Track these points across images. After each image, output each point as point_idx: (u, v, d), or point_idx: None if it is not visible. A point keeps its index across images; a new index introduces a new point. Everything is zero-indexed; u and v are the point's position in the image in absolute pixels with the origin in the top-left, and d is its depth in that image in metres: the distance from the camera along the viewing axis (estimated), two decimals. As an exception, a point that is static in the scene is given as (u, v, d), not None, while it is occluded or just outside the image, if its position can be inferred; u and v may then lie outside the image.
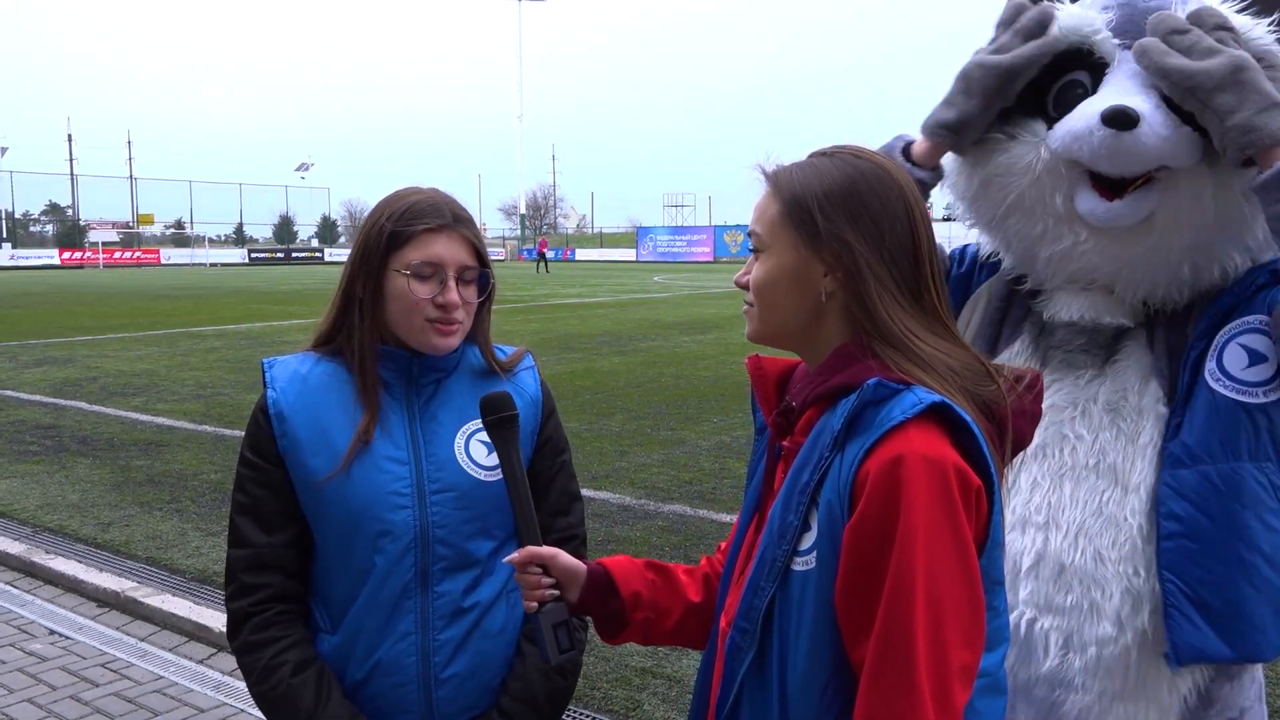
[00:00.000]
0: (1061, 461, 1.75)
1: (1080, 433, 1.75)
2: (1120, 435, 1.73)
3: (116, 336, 16.59)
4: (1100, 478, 1.72)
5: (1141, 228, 1.70)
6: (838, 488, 1.20)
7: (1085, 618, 1.68)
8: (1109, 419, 1.74)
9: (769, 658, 1.26)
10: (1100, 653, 1.66)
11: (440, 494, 1.69)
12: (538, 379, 1.84)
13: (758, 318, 1.36)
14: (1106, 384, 1.76)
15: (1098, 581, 1.68)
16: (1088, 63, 1.78)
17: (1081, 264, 1.78)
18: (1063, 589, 1.69)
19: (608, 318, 19.86)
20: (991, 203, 1.85)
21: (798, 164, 1.34)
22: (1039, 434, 1.74)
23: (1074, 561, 1.69)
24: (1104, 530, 1.69)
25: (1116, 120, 1.62)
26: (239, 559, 1.71)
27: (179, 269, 57.26)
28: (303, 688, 1.65)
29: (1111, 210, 1.70)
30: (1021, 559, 1.74)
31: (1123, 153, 1.64)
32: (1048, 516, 1.73)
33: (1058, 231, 1.77)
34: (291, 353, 1.81)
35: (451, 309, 1.67)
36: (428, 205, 1.69)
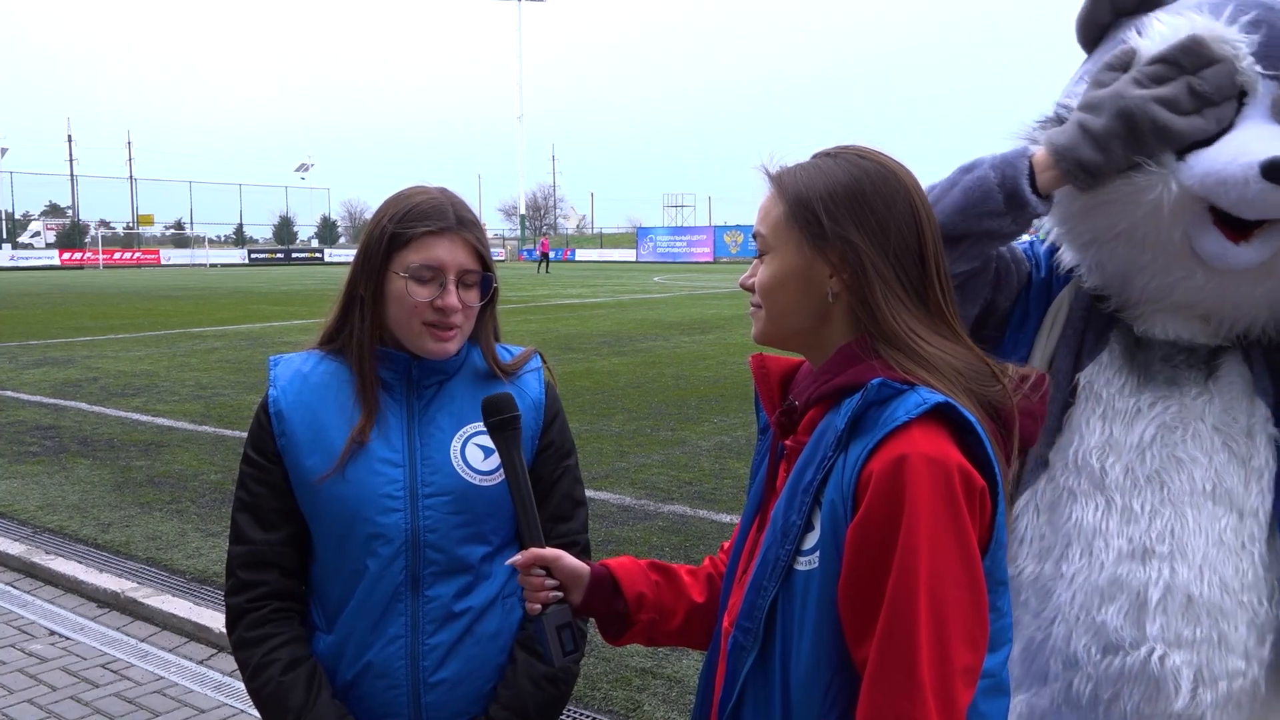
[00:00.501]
0: (1180, 487, 1.66)
1: (1195, 455, 1.67)
2: (1233, 458, 1.66)
3: (116, 337, 16.58)
4: (1217, 504, 1.65)
5: (1260, 270, 1.60)
6: (841, 487, 1.20)
7: (1215, 651, 1.62)
8: (1220, 440, 1.67)
9: (772, 657, 1.26)
10: (1230, 686, 1.62)
11: (433, 498, 1.68)
12: (542, 382, 1.82)
13: (764, 319, 1.36)
14: (1214, 403, 1.68)
15: (1225, 613, 1.62)
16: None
17: (1184, 298, 1.68)
18: (1191, 622, 1.62)
19: (608, 318, 19.85)
20: (1096, 228, 1.69)
21: (802, 165, 1.34)
22: (1149, 458, 1.68)
23: (1201, 593, 1.62)
24: (1226, 559, 1.63)
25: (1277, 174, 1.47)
26: (237, 555, 1.72)
27: (179, 269, 57.25)
28: (293, 686, 1.65)
29: (1239, 255, 1.58)
30: (1149, 591, 1.64)
31: (1270, 205, 1.51)
32: (1172, 546, 1.64)
33: (1167, 265, 1.65)
34: (298, 351, 1.81)
35: (450, 313, 1.66)
36: (431, 207, 1.67)
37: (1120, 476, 1.68)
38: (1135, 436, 1.68)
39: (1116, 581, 1.65)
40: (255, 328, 18.32)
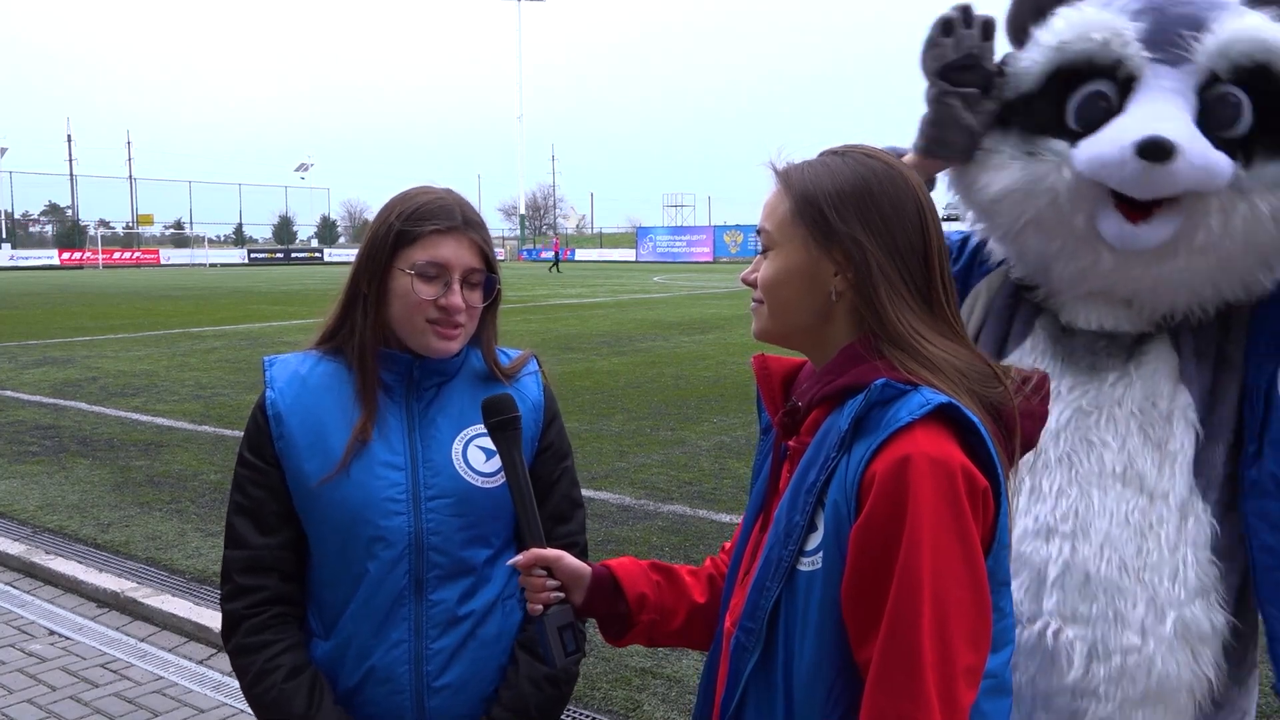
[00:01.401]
0: (1089, 469, 1.71)
1: (1106, 439, 1.71)
2: (1148, 442, 1.69)
3: (116, 337, 16.58)
4: (1127, 486, 1.69)
5: (1165, 250, 1.64)
6: (844, 488, 1.19)
7: (1110, 627, 1.66)
8: (1136, 425, 1.70)
9: (774, 658, 1.26)
10: (1124, 661, 1.65)
11: (436, 500, 1.67)
12: (540, 384, 1.82)
13: (766, 316, 1.36)
14: (1134, 388, 1.72)
15: (1122, 591, 1.65)
16: (1110, 75, 1.66)
17: (1100, 283, 1.74)
18: (1088, 599, 1.67)
19: (607, 318, 19.85)
20: (1007, 218, 1.77)
21: (809, 162, 1.34)
22: (1062, 440, 1.73)
23: (1099, 571, 1.67)
24: (1130, 540, 1.67)
25: (1151, 153, 1.54)
26: (235, 560, 1.69)
27: (179, 269, 57.26)
28: (295, 693, 1.64)
29: (1137, 234, 1.63)
30: (1048, 569, 1.70)
31: (1154, 183, 1.58)
32: (1074, 526, 1.69)
33: (1076, 250, 1.71)
34: (291, 352, 1.79)
35: (454, 312, 1.65)
36: (438, 206, 1.67)
37: (1033, 458, 1.73)
38: (1051, 420, 1.70)
39: (1019, 558, 1.71)
40: (255, 327, 18.31)
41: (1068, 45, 1.68)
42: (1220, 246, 1.62)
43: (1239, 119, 1.61)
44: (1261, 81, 1.60)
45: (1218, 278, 1.68)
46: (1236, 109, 1.61)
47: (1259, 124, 1.61)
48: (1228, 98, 1.62)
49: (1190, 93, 1.62)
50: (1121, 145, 1.57)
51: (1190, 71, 1.62)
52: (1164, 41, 1.63)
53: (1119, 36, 1.64)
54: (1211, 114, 1.62)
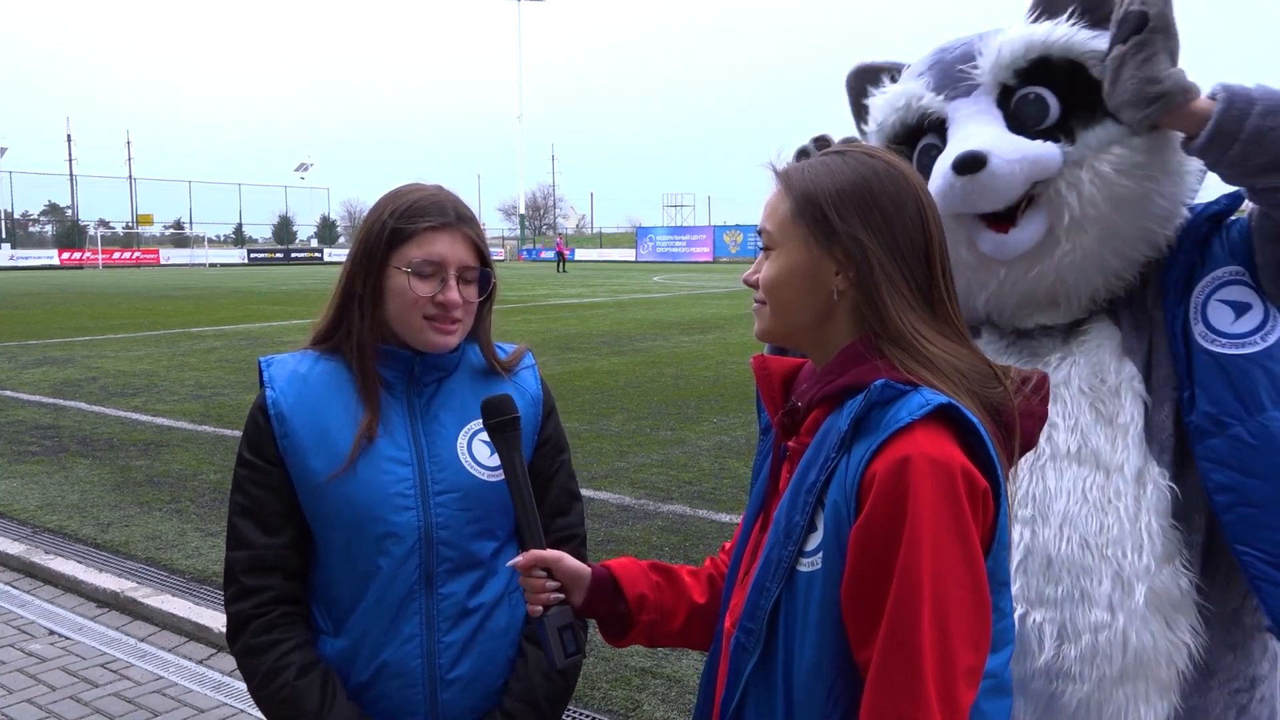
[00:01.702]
0: (1040, 450, 1.73)
1: (1055, 420, 1.72)
2: (1099, 418, 1.71)
3: (116, 337, 16.58)
4: (1082, 464, 1.70)
5: (1047, 243, 1.72)
6: (844, 489, 1.19)
7: (1076, 606, 1.67)
8: (1086, 402, 1.73)
9: (774, 658, 1.26)
10: (1095, 639, 1.65)
11: (444, 495, 1.68)
12: (538, 378, 1.83)
13: (768, 316, 1.36)
14: (1080, 366, 1.75)
15: (1086, 569, 1.67)
16: (931, 126, 1.83)
17: (1017, 297, 1.79)
18: (1052, 580, 1.68)
19: (607, 318, 19.85)
20: None
21: (809, 162, 1.33)
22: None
23: (1061, 552, 1.68)
24: (1090, 517, 1.68)
25: (966, 166, 1.67)
26: (239, 561, 1.69)
27: (178, 269, 57.27)
28: (308, 690, 1.64)
29: (1008, 240, 1.72)
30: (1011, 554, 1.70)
31: (986, 191, 1.68)
32: (1034, 510, 1.71)
33: (980, 279, 1.79)
34: (289, 352, 1.79)
35: (451, 308, 1.66)
36: (431, 203, 1.68)
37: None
38: None
39: None
40: (255, 327, 18.32)
41: (885, 122, 1.88)
42: (1091, 218, 1.69)
43: (1047, 111, 1.73)
44: (1049, 73, 1.73)
45: (1115, 247, 1.72)
46: (1040, 103, 1.73)
47: (1066, 105, 1.73)
48: (1027, 97, 1.74)
49: (992, 108, 1.76)
50: (944, 173, 1.70)
51: (982, 93, 1.77)
52: (950, 81, 1.81)
53: (914, 95, 1.83)
54: (1020, 117, 1.74)
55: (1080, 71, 1.71)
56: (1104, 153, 1.68)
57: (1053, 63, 1.72)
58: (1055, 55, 1.72)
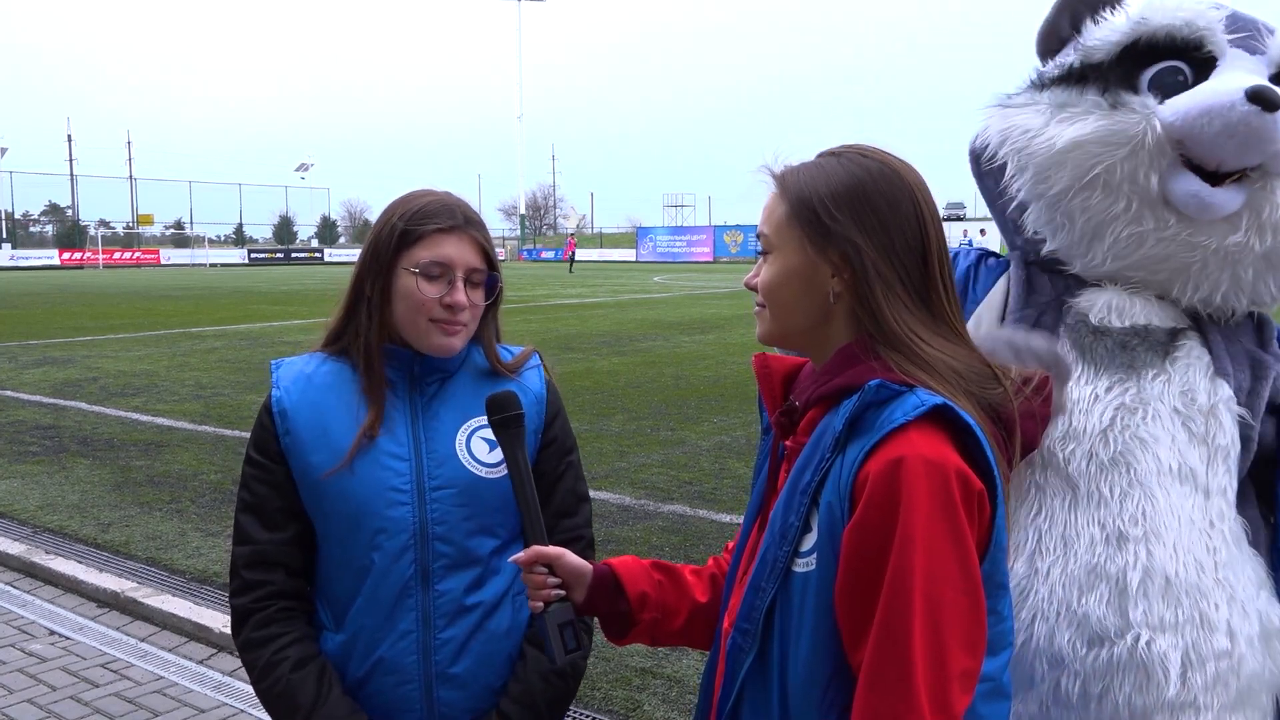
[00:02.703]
0: (1147, 468, 1.65)
1: (1157, 435, 1.66)
2: (1193, 438, 1.65)
3: (116, 337, 16.58)
4: (1184, 483, 1.64)
5: (1229, 222, 1.66)
6: (838, 489, 1.19)
7: (1199, 632, 1.59)
8: (1179, 421, 1.66)
9: (770, 659, 1.26)
10: (1217, 667, 1.59)
11: (440, 490, 1.69)
12: (543, 378, 1.84)
13: (769, 319, 1.36)
14: (1173, 383, 1.68)
15: (1204, 593, 1.59)
16: (1187, 55, 1.71)
17: (1154, 252, 1.70)
18: (1172, 604, 1.59)
19: (607, 318, 19.86)
20: (1071, 173, 1.71)
21: (804, 164, 1.34)
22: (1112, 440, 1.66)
23: (1178, 574, 1.59)
24: (1198, 538, 1.61)
25: (1263, 99, 1.56)
26: (242, 556, 1.72)
27: (179, 269, 57.26)
28: (302, 684, 1.65)
29: (1215, 197, 1.64)
30: (1128, 576, 1.60)
31: (1259, 133, 1.59)
32: (1145, 528, 1.61)
33: (1140, 213, 1.68)
34: (294, 353, 1.83)
35: (458, 310, 1.68)
36: (439, 206, 1.71)
37: (1084, 464, 1.65)
38: (1094, 422, 1.66)
39: (1094, 570, 1.61)
40: (255, 328, 18.32)
41: (1148, 20, 1.72)
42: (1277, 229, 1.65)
43: None
44: None
45: (1264, 264, 1.69)
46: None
47: None
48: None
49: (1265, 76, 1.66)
50: (1230, 90, 1.59)
51: (1264, 62, 1.69)
52: (1243, 30, 1.70)
53: (1203, 16, 1.70)
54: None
55: None
56: None
57: None
58: None
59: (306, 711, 1.64)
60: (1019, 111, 1.80)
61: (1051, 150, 1.72)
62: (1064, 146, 1.70)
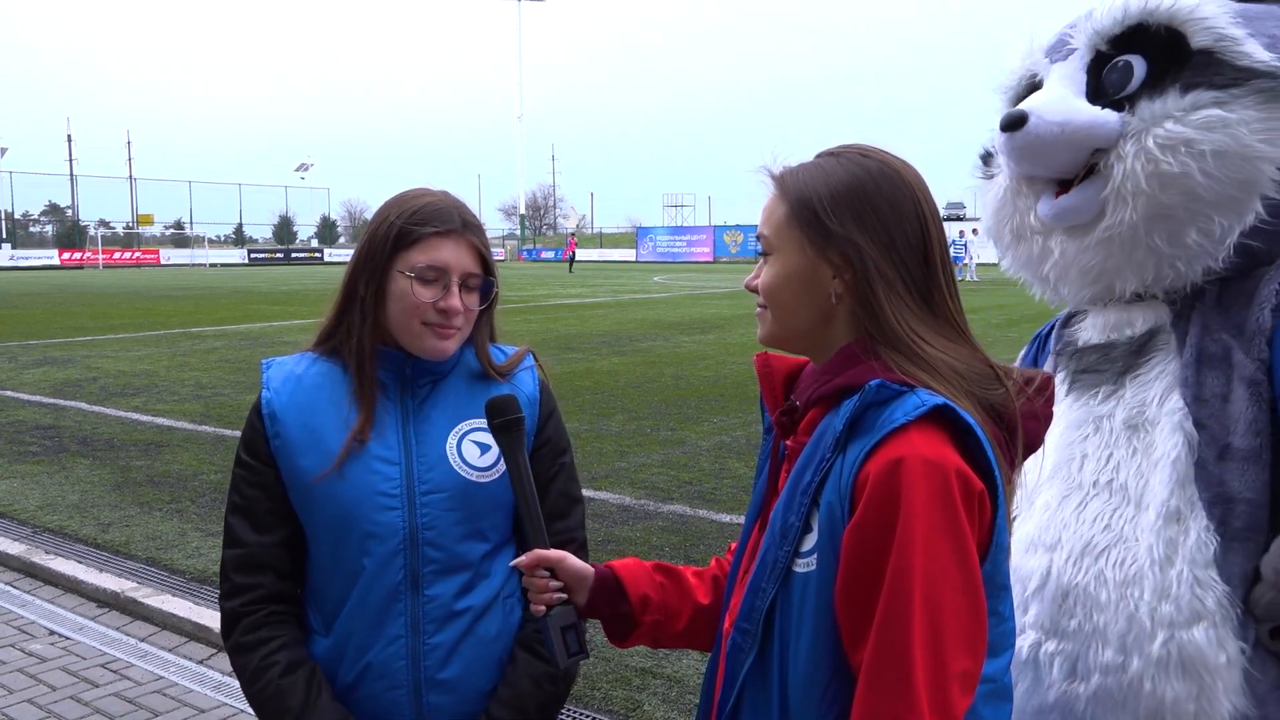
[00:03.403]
0: (1070, 480, 1.70)
1: (1087, 450, 1.70)
2: (1136, 452, 1.66)
3: (116, 337, 16.58)
4: (1112, 495, 1.65)
5: (1097, 215, 1.72)
6: (839, 489, 1.19)
7: (1086, 643, 1.60)
8: (1126, 435, 1.68)
9: (770, 659, 1.26)
10: (1104, 681, 1.57)
11: (430, 495, 1.68)
12: (536, 379, 1.82)
13: (770, 321, 1.36)
14: (1124, 399, 1.70)
15: (1100, 605, 1.59)
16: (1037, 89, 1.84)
17: (1075, 268, 1.79)
18: (1066, 613, 1.63)
19: (607, 318, 19.85)
20: (1000, 240, 1.96)
21: (804, 165, 1.33)
22: (1054, 456, 1.74)
23: (1075, 583, 1.62)
24: (1110, 550, 1.61)
25: (1008, 125, 1.72)
26: (231, 559, 1.71)
27: (179, 269, 57.24)
28: (292, 688, 1.64)
29: (1060, 205, 1.75)
30: (1029, 581, 1.69)
31: (1028, 149, 1.73)
32: (1056, 538, 1.68)
33: (1045, 246, 1.83)
34: (290, 353, 1.81)
35: (452, 315, 1.66)
36: (437, 209, 1.68)
37: (1032, 477, 1.77)
38: (1053, 439, 1.75)
39: (1014, 573, 1.69)
40: (255, 328, 18.31)
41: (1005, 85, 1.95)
42: (1133, 191, 1.66)
43: (1129, 79, 1.72)
44: (1145, 40, 1.72)
45: (1164, 230, 1.65)
46: (1125, 71, 1.73)
47: (1151, 75, 1.71)
48: (1115, 64, 1.74)
49: (1079, 74, 1.77)
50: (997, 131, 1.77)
51: (1076, 57, 1.78)
52: (1056, 46, 1.86)
53: (1030, 58, 1.90)
54: (1104, 84, 1.75)
55: (1179, 40, 1.67)
56: (1155, 125, 1.64)
57: (1150, 30, 1.70)
58: (1153, 23, 1.69)
59: (295, 715, 1.63)
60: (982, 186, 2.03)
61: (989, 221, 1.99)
62: (987, 222, 1.99)
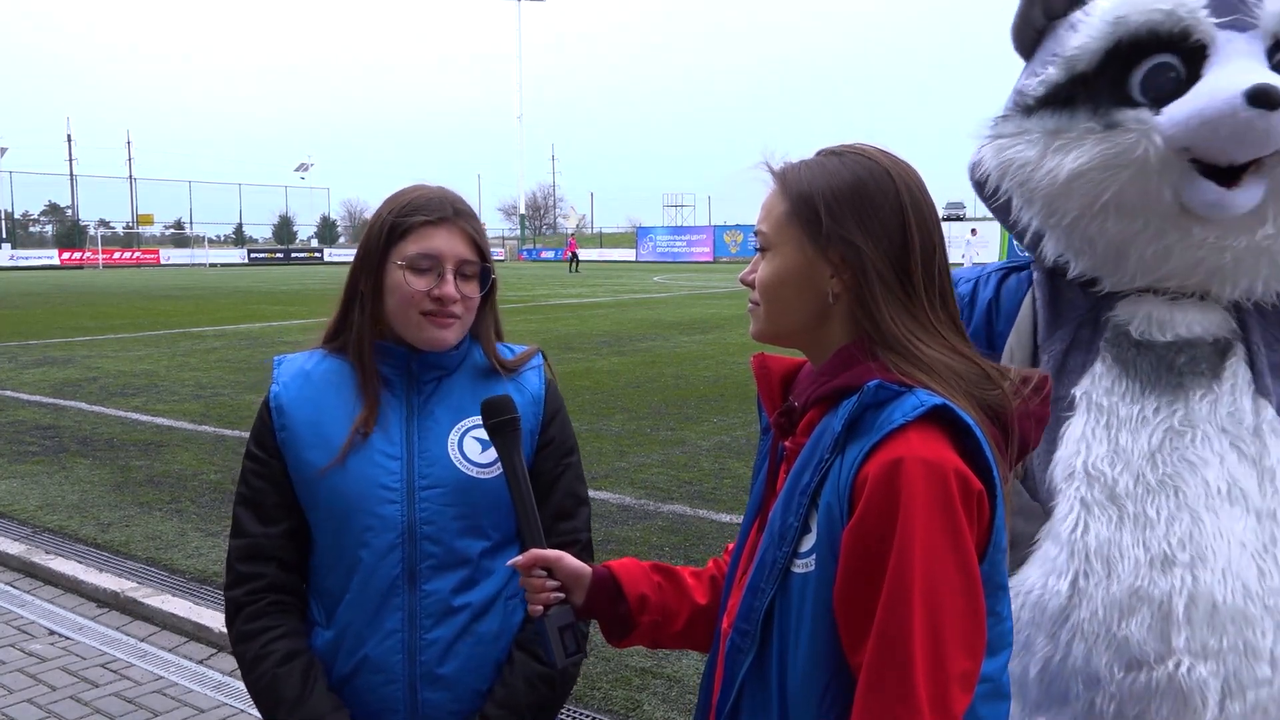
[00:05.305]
0: (1195, 491, 1.60)
1: (1206, 457, 1.61)
2: (1244, 459, 1.61)
3: (116, 337, 16.58)
4: (1234, 506, 1.59)
5: (1254, 216, 1.59)
6: (837, 490, 1.19)
7: (1241, 660, 1.55)
8: (1228, 442, 1.62)
9: (768, 660, 1.26)
10: (1257, 695, 1.55)
11: (429, 490, 1.69)
12: (543, 378, 1.82)
13: (764, 317, 1.35)
14: (1220, 403, 1.64)
15: (1250, 620, 1.55)
16: (1175, 48, 1.61)
17: (1183, 260, 1.64)
18: (1217, 631, 1.55)
19: (607, 318, 19.85)
20: (1080, 202, 1.65)
21: (805, 162, 1.33)
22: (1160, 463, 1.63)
23: (1225, 600, 1.55)
24: (1248, 563, 1.57)
25: (1264, 99, 1.48)
26: (236, 549, 1.74)
27: (179, 269, 57.23)
28: (288, 678, 1.66)
29: (1233, 198, 1.56)
30: (1173, 601, 1.56)
31: (1266, 135, 1.51)
32: (1193, 552, 1.57)
33: (1161, 228, 1.62)
34: (301, 351, 1.84)
35: (448, 301, 1.67)
36: (428, 199, 1.71)
37: (1131, 485, 1.62)
38: (1143, 443, 1.63)
39: (1137, 593, 1.57)
40: (255, 327, 18.31)
41: (1126, 18, 1.62)
42: None
43: None
44: None
45: None
46: None
47: None
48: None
49: (1262, 56, 1.59)
50: (1229, 95, 1.51)
51: (1257, 36, 1.60)
52: (1228, 9, 1.60)
53: (1184, 4, 1.60)
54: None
55: None
56: None
57: None
58: None
59: (290, 705, 1.64)
60: (1012, 142, 1.72)
61: (1056, 183, 1.66)
62: (1067, 177, 1.64)
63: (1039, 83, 1.72)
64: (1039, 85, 1.72)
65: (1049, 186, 1.67)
